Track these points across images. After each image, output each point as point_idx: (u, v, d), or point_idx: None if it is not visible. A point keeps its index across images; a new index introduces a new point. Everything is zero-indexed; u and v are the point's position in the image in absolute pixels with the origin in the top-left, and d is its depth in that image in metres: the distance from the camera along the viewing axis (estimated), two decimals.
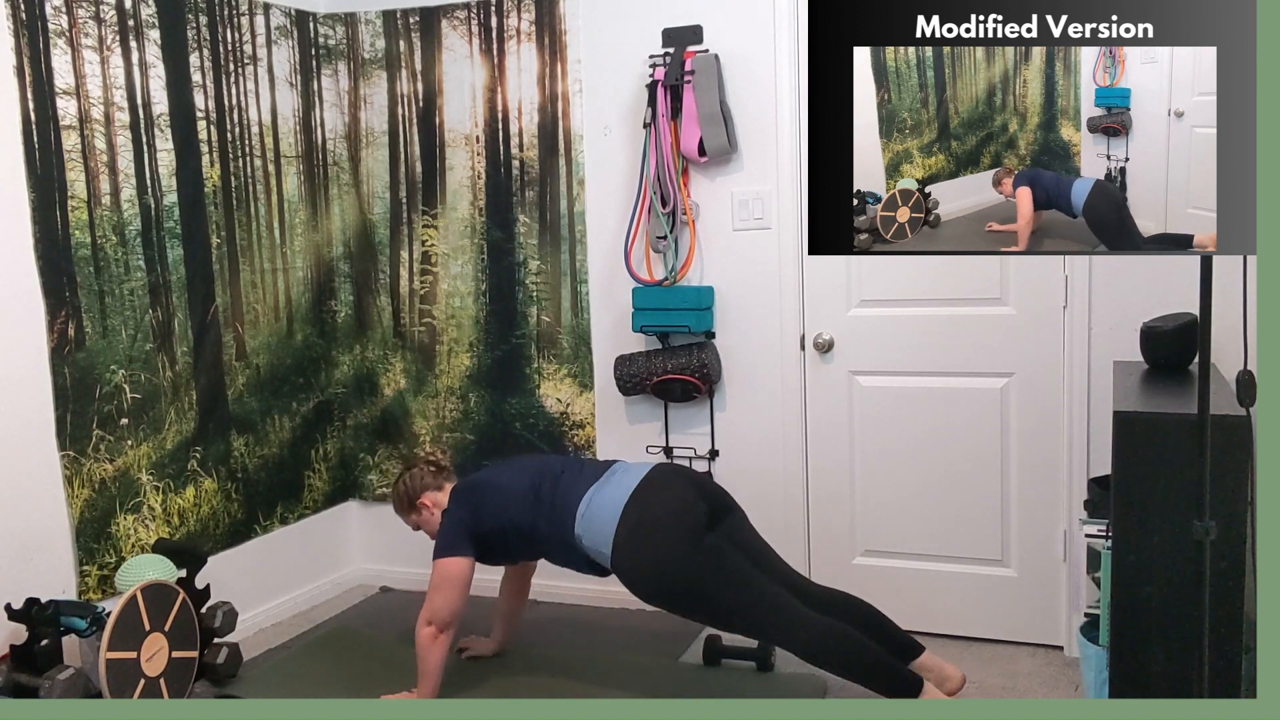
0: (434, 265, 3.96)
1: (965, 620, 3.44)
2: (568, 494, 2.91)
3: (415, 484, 3.15)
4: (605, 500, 2.85)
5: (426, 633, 2.89)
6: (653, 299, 3.55)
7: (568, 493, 2.91)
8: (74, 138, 3.07)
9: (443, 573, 2.91)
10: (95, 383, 3.14)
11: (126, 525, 3.24)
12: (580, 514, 2.85)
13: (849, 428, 3.51)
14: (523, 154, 3.78)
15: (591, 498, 2.87)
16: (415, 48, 3.88)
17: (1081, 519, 2.96)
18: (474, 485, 3.05)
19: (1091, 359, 3.16)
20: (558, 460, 3.13)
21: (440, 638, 2.90)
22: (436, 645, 2.90)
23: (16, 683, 2.74)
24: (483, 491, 3.00)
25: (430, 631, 2.89)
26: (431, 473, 3.17)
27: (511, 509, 2.93)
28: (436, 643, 2.89)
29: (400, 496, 3.18)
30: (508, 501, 2.94)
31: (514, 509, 2.93)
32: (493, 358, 3.92)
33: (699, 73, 3.41)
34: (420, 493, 3.14)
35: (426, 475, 3.16)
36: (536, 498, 2.93)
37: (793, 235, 3.46)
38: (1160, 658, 2.39)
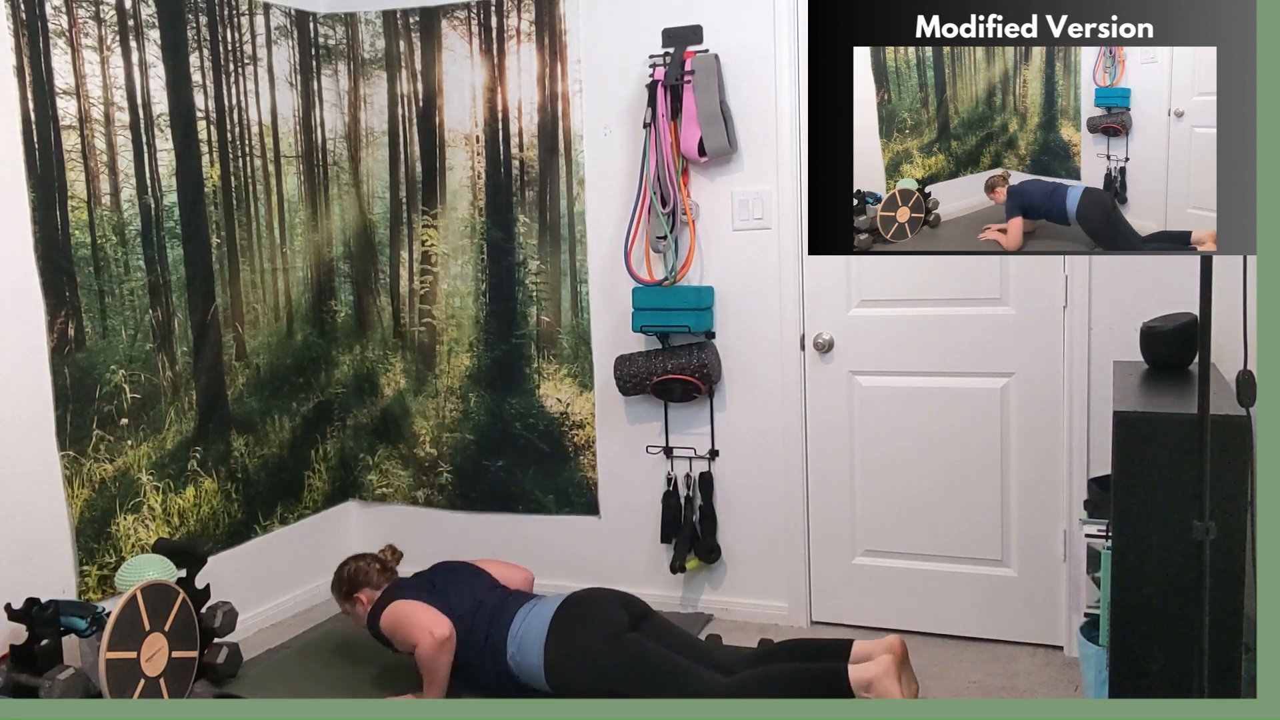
0: (434, 265, 3.95)
1: (965, 620, 3.44)
2: (501, 621, 3.03)
3: (358, 576, 3.23)
4: (532, 623, 2.99)
5: (428, 644, 2.92)
6: (653, 299, 3.55)
7: (501, 619, 3.04)
8: (74, 138, 3.07)
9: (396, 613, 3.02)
10: (95, 383, 3.14)
11: (126, 525, 3.24)
12: (510, 635, 2.99)
13: (849, 428, 3.51)
14: (523, 154, 3.78)
15: (520, 621, 3.02)
16: (415, 48, 3.88)
17: (1081, 519, 2.96)
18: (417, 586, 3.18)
19: (1091, 359, 3.16)
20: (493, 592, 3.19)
21: (444, 644, 2.92)
22: (441, 651, 2.92)
23: (16, 683, 2.75)
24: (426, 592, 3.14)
25: (430, 641, 2.92)
26: (378, 570, 3.25)
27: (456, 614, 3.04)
28: (441, 649, 2.92)
29: (341, 581, 3.26)
30: (452, 604, 3.08)
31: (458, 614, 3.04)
32: (493, 358, 3.92)
33: (699, 73, 3.41)
34: (360, 587, 3.22)
35: (372, 572, 3.24)
36: (472, 625, 3.03)
37: (793, 235, 3.46)
38: (1160, 658, 2.39)
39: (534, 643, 2.94)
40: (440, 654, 2.91)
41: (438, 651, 2.91)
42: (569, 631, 2.94)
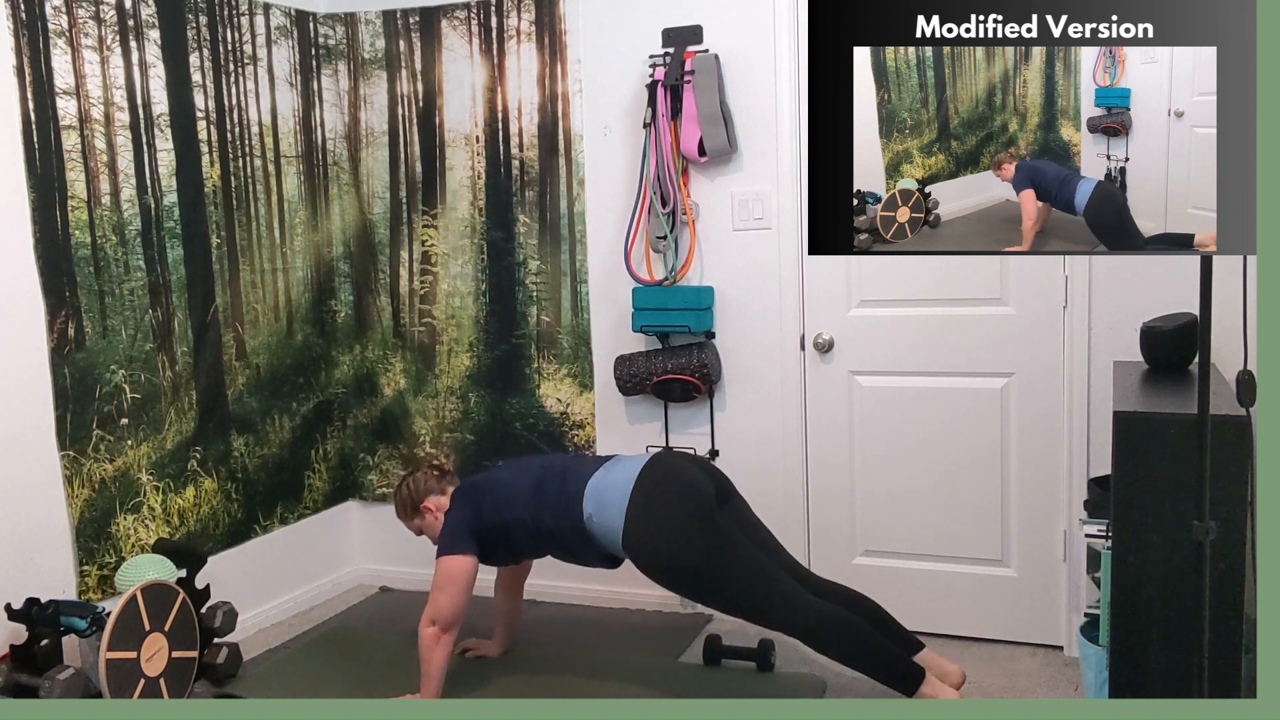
0: (434, 265, 3.95)
1: (965, 620, 3.44)
2: (573, 482, 2.91)
3: (418, 487, 3.14)
4: (613, 481, 2.86)
5: (429, 633, 2.89)
6: (653, 299, 3.55)
7: (574, 481, 2.91)
8: (74, 138, 3.07)
9: (445, 571, 2.91)
10: (95, 383, 3.14)
11: (126, 525, 3.24)
12: (588, 495, 2.85)
13: (849, 428, 3.51)
14: (523, 154, 3.78)
15: (599, 480, 2.88)
16: (415, 48, 3.88)
17: (1081, 519, 2.96)
18: (476, 485, 3.06)
19: (1091, 359, 3.16)
20: (559, 457, 3.16)
21: (443, 638, 2.89)
22: (439, 646, 2.89)
23: (16, 683, 2.74)
24: (484, 490, 3.01)
25: (433, 632, 2.89)
26: (435, 476, 3.16)
27: (516, 505, 2.93)
28: (439, 644, 2.89)
29: (403, 500, 3.16)
30: (511, 498, 2.95)
31: (518, 505, 2.93)
32: (493, 358, 3.92)
33: (699, 73, 3.41)
34: (424, 496, 3.13)
35: (430, 479, 3.15)
36: (540, 492, 2.93)
37: (793, 235, 3.46)
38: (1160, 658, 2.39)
39: (615, 505, 2.80)
40: (436, 648, 2.88)
41: (434, 644, 2.88)
42: (654, 496, 2.80)
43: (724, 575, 2.77)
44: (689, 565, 2.79)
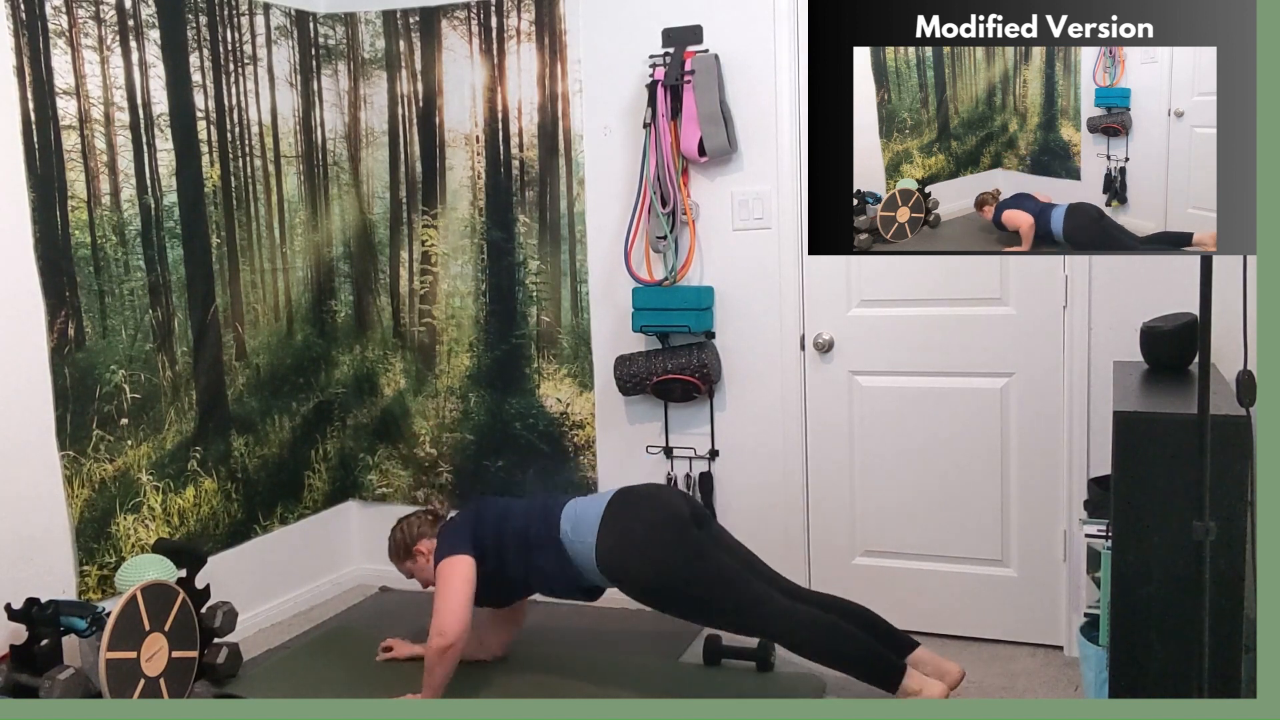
0: (434, 265, 3.95)
1: (965, 620, 3.44)
2: (555, 502, 3.05)
3: (412, 531, 3.21)
4: (589, 502, 3.00)
5: (436, 644, 2.89)
6: (653, 299, 3.55)
7: (555, 502, 3.05)
8: (74, 138, 3.07)
9: (444, 574, 2.95)
10: (95, 383, 3.14)
11: (126, 525, 3.24)
12: (565, 513, 2.97)
13: (849, 428, 3.51)
14: (523, 154, 3.78)
15: (577, 502, 3.02)
16: (415, 48, 3.88)
17: (1081, 519, 2.96)
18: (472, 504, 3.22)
19: (1091, 359, 3.16)
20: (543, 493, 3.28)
21: (449, 651, 2.88)
22: (444, 659, 2.89)
23: (16, 683, 2.74)
24: (481, 504, 3.17)
25: (439, 644, 2.88)
26: (429, 521, 3.23)
27: (511, 517, 3.04)
28: (444, 656, 2.88)
29: (397, 544, 3.23)
30: (507, 511, 3.07)
31: (514, 517, 3.04)
32: (493, 358, 3.92)
33: (699, 73, 3.41)
34: (417, 540, 3.19)
35: (424, 524, 3.23)
36: (528, 510, 3.06)
37: (793, 235, 3.46)
38: (1160, 658, 2.39)
39: (589, 522, 2.90)
40: (443, 658, 2.89)
41: (440, 654, 2.89)
42: (627, 513, 2.89)
43: (698, 589, 2.83)
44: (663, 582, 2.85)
